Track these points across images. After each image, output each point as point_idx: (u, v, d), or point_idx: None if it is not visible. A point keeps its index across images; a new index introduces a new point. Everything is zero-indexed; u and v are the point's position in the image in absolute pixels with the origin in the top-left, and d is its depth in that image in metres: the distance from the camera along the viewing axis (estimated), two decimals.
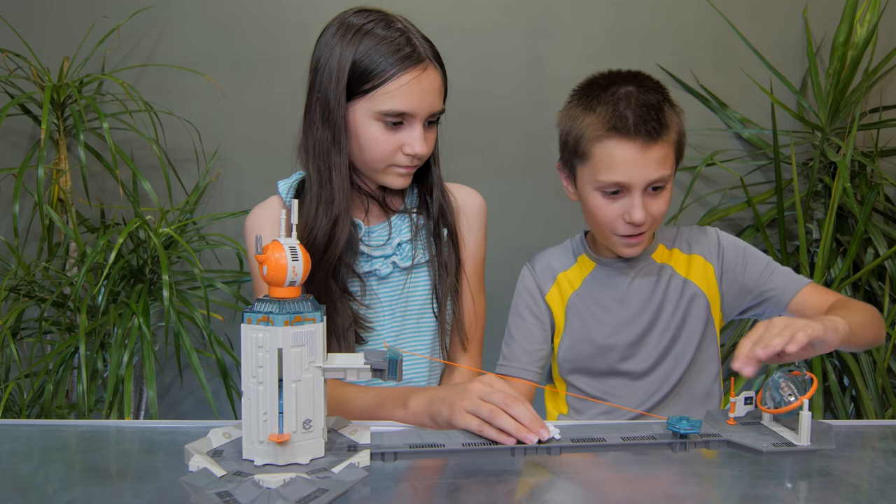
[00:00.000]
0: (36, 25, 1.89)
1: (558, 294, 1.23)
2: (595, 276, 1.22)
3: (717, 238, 1.24)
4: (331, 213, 1.05)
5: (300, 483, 0.67)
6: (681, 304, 1.19)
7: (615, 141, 1.08)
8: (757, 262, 1.21)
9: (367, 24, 1.03)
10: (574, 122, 1.12)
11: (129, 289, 1.69)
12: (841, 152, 1.74)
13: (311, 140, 1.06)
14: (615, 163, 1.08)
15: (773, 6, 1.91)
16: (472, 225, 1.19)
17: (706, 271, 1.21)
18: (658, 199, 1.12)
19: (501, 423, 0.81)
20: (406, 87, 1.01)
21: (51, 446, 0.83)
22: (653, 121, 1.07)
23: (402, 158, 1.06)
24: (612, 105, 1.09)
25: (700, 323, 1.20)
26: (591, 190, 1.12)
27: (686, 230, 1.26)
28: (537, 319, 1.23)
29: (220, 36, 1.90)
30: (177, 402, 1.99)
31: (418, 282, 1.14)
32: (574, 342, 1.21)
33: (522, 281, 1.26)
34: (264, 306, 0.71)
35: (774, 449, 0.80)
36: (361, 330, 1.10)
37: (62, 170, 1.76)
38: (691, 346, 1.19)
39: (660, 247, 1.23)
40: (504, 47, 1.91)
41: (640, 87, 1.11)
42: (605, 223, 1.13)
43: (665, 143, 1.09)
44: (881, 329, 1.11)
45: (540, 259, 1.27)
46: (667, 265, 1.22)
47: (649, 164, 1.08)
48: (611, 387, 1.19)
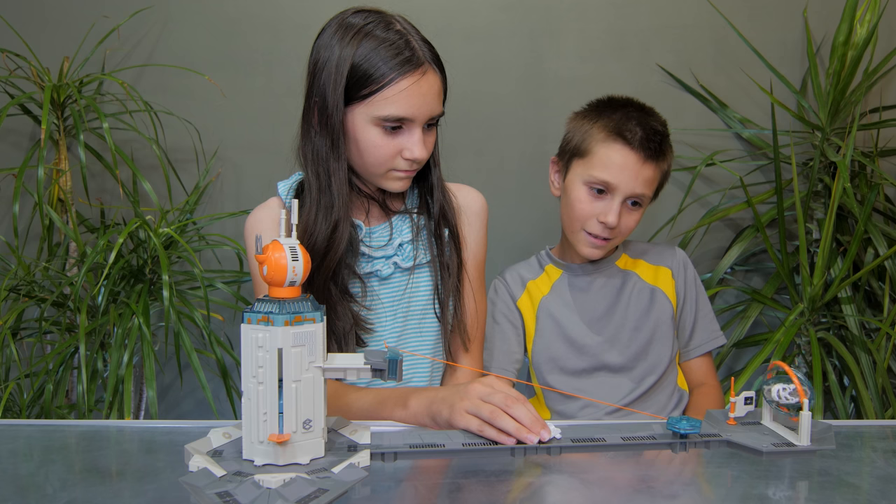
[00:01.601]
0: (36, 25, 1.89)
1: (528, 300, 1.32)
2: (562, 281, 1.32)
3: (684, 260, 1.35)
4: (330, 219, 1.04)
5: (300, 483, 0.67)
6: (652, 307, 1.28)
7: (619, 145, 1.20)
8: (701, 308, 1.34)
9: (367, 25, 1.01)
10: (584, 123, 1.25)
11: (129, 289, 1.69)
12: (841, 152, 1.74)
13: (310, 145, 1.05)
14: (612, 164, 1.20)
15: (773, 6, 1.91)
16: (473, 224, 1.18)
17: (671, 284, 1.31)
18: (632, 215, 1.23)
19: (502, 424, 0.81)
20: (405, 92, 1.00)
21: (51, 446, 0.83)
22: (655, 143, 1.21)
23: (402, 163, 1.05)
24: (625, 117, 1.21)
25: (669, 327, 1.29)
26: (580, 183, 1.23)
27: (653, 247, 1.37)
28: (511, 324, 1.31)
29: (220, 36, 1.90)
30: (177, 402, 1.99)
31: (420, 282, 1.13)
32: (548, 342, 1.28)
33: (495, 291, 1.35)
34: (264, 306, 0.71)
35: (775, 449, 0.80)
36: (362, 332, 1.09)
37: (62, 170, 1.76)
38: (666, 345, 1.28)
39: (623, 255, 1.34)
40: (504, 47, 1.91)
41: (650, 115, 1.24)
42: (580, 217, 1.23)
43: (657, 167, 1.23)
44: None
45: (510, 271, 1.37)
46: (631, 272, 1.32)
47: (639, 177, 1.20)
48: (588, 384, 1.26)
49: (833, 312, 1.77)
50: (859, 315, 1.73)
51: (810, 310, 1.72)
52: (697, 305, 1.34)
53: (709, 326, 1.35)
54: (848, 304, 1.72)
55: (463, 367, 1.17)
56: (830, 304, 1.78)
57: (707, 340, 1.34)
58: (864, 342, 1.68)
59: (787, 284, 1.78)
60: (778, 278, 1.83)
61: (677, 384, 1.31)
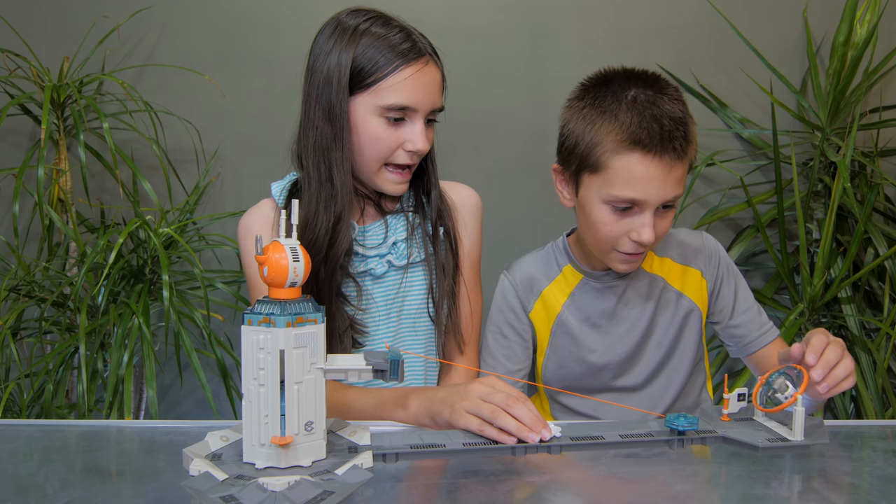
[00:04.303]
0: (36, 25, 1.89)
1: (544, 312, 1.15)
2: (583, 290, 1.14)
3: (714, 250, 1.17)
4: (333, 211, 1.04)
5: (305, 486, 0.67)
6: (675, 320, 1.14)
7: (639, 156, 0.97)
8: (744, 299, 1.17)
9: (365, 23, 1.03)
10: (588, 126, 1.01)
11: (129, 289, 1.69)
12: (841, 152, 1.74)
13: (312, 137, 1.05)
14: (635, 179, 0.98)
15: (773, 6, 1.91)
16: (468, 222, 1.17)
17: (701, 286, 1.16)
18: (666, 218, 1.04)
19: (503, 423, 0.81)
20: (409, 80, 1.01)
21: (51, 446, 0.83)
22: (680, 137, 0.98)
23: (402, 156, 1.05)
24: (637, 114, 0.98)
25: (694, 338, 1.15)
26: (599, 202, 1.02)
27: (678, 236, 1.18)
28: (520, 337, 1.16)
29: (220, 36, 1.90)
30: (177, 402, 1.99)
31: (414, 281, 1.13)
32: (562, 362, 1.15)
33: (503, 295, 1.17)
34: (265, 307, 0.70)
35: (770, 444, 0.81)
36: (357, 335, 1.08)
37: (62, 170, 1.76)
38: (686, 362, 1.15)
39: (649, 254, 1.15)
40: (504, 47, 1.91)
41: (660, 93, 1.00)
42: (608, 239, 1.03)
43: (686, 160, 1.01)
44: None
45: (519, 269, 1.18)
46: (658, 277, 1.15)
47: (669, 183, 0.98)
48: (601, 404, 1.15)
49: (833, 312, 1.77)
50: (859, 315, 1.73)
51: (810, 310, 1.72)
52: (736, 300, 1.17)
53: (756, 319, 1.17)
54: (848, 304, 1.72)
55: (459, 367, 1.16)
56: (830, 304, 1.78)
57: (756, 337, 1.16)
58: (864, 342, 1.68)
59: (787, 284, 1.78)
60: (778, 278, 1.83)
61: (704, 387, 1.21)
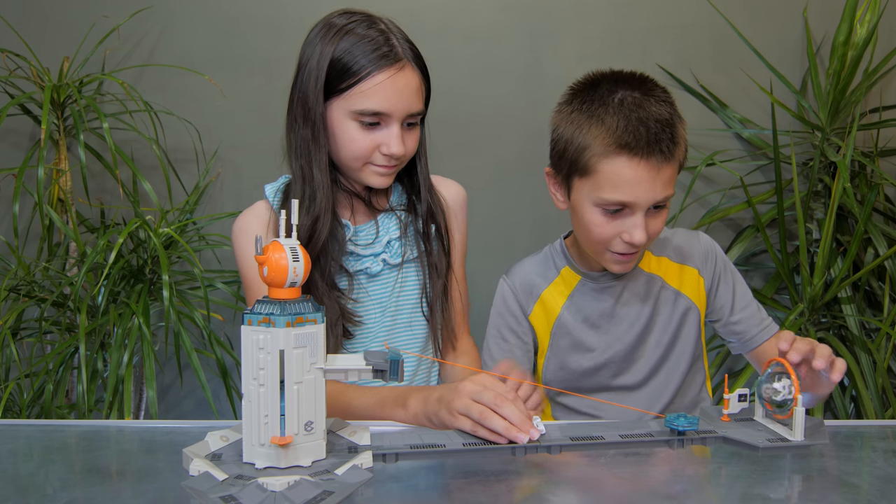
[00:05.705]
0: (36, 25, 1.89)
1: (543, 315, 1.17)
2: (581, 291, 1.16)
3: (711, 248, 1.19)
4: (313, 210, 1.05)
5: (305, 486, 0.67)
6: (673, 318, 1.16)
7: (626, 159, 0.99)
8: (742, 296, 1.18)
9: (349, 24, 1.04)
10: (577, 130, 1.03)
11: (129, 289, 1.69)
12: (841, 152, 1.74)
13: (294, 138, 1.07)
14: (623, 182, 1.00)
15: (773, 6, 1.91)
16: (457, 216, 1.20)
17: (698, 285, 1.17)
18: (658, 218, 1.05)
19: (491, 424, 0.80)
20: (381, 86, 1.02)
21: (51, 446, 0.83)
22: (667, 139, 0.99)
23: (380, 158, 1.06)
24: (623, 117, 0.99)
25: (692, 336, 1.17)
26: (590, 205, 1.04)
27: (674, 236, 1.20)
28: (520, 340, 1.18)
29: (220, 36, 1.90)
30: (177, 402, 1.99)
31: (409, 279, 1.14)
32: (563, 364, 1.17)
33: (503, 299, 1.19)
34: (265, 308, 0.70)
35: (770, 444, 0.81)
36: (350, 324, 1.09)
37: (62, 170, 1.76)
38: (684, 360, 1.16)
39: (646, 254, 1.17)
40: (503, 48, 1.91)
41: (647, 95, 1.02)
42: (600, 240, 1.06)
43: (675, 161, 1.03)
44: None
45: (518, 273, 1.19)
46: (656, 276, 1.16)
47: (658, 184, 1.00)
48: (601, 403, 1.16)
49: (833, 312, 1.77)
50: (859, 315, 1.73)
51: (810, 310, 1.72)
52: (735, 297, 1.18)
53: (755, 315, 1.18)
54: (848, 304, 1.72)
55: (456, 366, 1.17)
56: (830, 304, 1.78)
57: (757, 333, 1.17)
58: (864, 342, 1.68)
59: (787, 284, 1.78)
60: (778, 278, 1.83)
61: (704, 386, 1.22)
